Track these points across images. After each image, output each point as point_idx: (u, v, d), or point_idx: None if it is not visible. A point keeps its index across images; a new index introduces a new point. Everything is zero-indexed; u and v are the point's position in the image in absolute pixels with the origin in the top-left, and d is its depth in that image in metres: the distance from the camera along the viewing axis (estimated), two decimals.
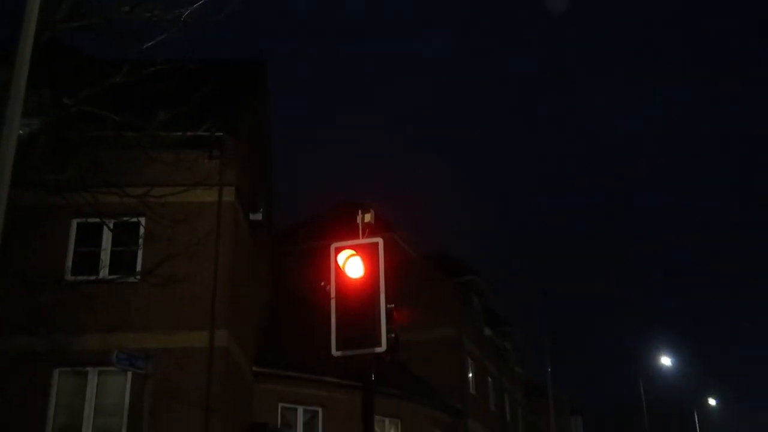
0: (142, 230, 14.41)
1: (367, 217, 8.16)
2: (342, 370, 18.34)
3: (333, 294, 7.78)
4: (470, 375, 33.20)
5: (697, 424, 55.99)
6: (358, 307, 7.60)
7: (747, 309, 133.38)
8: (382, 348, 7.39)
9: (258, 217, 18.66)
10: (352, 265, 7.82)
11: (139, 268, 14.79)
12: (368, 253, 7.84)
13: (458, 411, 29.21)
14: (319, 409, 20.51)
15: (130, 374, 13.94)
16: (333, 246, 8.00)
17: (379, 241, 7.89)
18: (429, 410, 26.13)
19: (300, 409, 20.32)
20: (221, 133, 15.77)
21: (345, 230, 8.31)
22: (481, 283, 38.14)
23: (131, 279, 14.31)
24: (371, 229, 8.15)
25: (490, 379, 37.30)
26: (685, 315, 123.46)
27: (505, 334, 43.55)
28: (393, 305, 7.56)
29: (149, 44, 11.16)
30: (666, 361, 49.85)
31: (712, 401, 61.84)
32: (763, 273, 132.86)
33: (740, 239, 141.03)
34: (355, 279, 7.78)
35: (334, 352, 7.63)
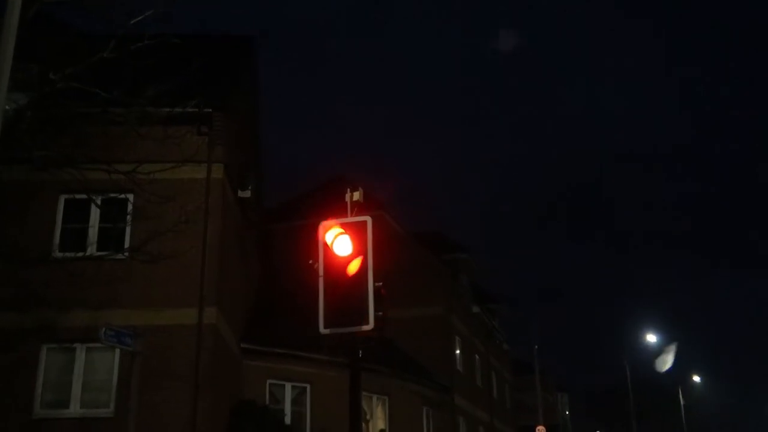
0: (130, 207, 14.35)
1: (356, 196, 8.15)
2: (330, 348, 18.39)
3: (321, 272, 7.79)
4: (458, 352, 33.39)
5: (682, 401, 56.60)
6: (346, 286, 7.62)
7: (731, 285, 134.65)
8: (370, 326, 7.41)
9: (247, 194, 18.61)
10: (340, 243, 7.82)
11: (127, 245, 14.74)
12: (357, 232, 7.84)
13: (446, 388, 29.41)
14: (307, 386, 20.62)
15: (118, 351, 13.94)
16: (321, 224, 8.00)
17: (368, 219, 7.88)
18: (416, 387, 26.31)
19: (288, 386, 20.41)
20: (210, 110, 15.67)
21: (334, 208, 8.31)
22: (470, 261, 38.27)
23: (119, 256, 14.26)
24: (360, 208, 8.15)
25: (477, 357, 37.53)
26: (670, 292, 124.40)
27: (493, 312, 43.79)
28: (381, 283, 7.57)
29: (137, 19, 11.04)
30: (651, 338, 50.27)
31: (696, 378, 62.60)
32: (744, 251, 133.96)
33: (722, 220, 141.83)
34: (344, 257, 7.79)
35: (322, 330, 7.65)
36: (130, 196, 14.12)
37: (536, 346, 36.32)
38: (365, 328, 7.44)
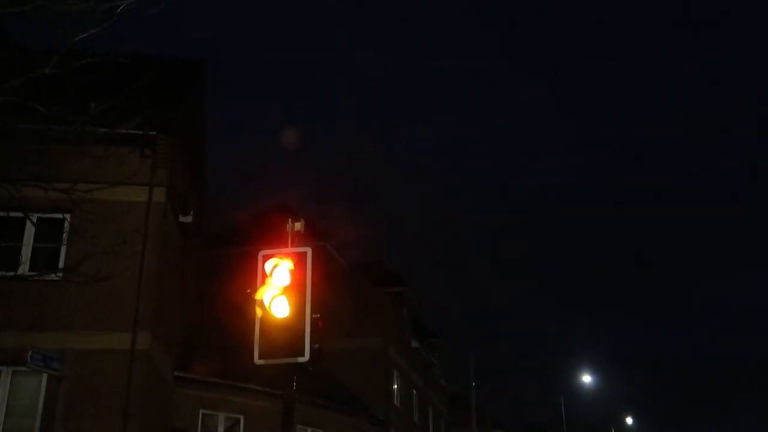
0: (67, 226, 14.00)
1: (297, 226, 8.11)
2: (266, 378, 18.17)
3: (258, 301, 7.69)
4: (395, 386, 33.27)
5: None
6: (282, 316, 7.54)
7: (667, 328, 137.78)
8: (305, 358, 7.34)
9: (188, 219, 18.34)
10: (279, 273, 7.75)
11: (61, 265, 14.35)
12: (296, 262, 7.78)
13: (382, 422, 29.22)
14: (241, 417, 20.25)
15: (45, 375, 13.50)
16: (261, 253, 7.92)
17: (308, 250, 7.85)
18: (352, 420, 26.06)
19: (221, 416, 20.02)
20: (154, 132, 15.46)
21: (275, 237, 8.24)
22: (410, 295, 38.30)
23: (52, 276, 13.86)
24: (301, 238, 8.10)
25: (414, 391, 37.44)
26: (606, 333, 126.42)
27: (433, 347, 43.83)
28: (318, 315, 7.51)
29: (82, 36, 10.82)
30: (586, 378, 51.03)
31: (629, 419, 63.61)
32: (682, 295, 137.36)
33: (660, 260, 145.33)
34: (282, 287, 7.71)
35: (257, 361, 7.55)
36: (68, 216, 13.78)
37: (473, 383, 36.44)
38: (300, 359, 7.37)
